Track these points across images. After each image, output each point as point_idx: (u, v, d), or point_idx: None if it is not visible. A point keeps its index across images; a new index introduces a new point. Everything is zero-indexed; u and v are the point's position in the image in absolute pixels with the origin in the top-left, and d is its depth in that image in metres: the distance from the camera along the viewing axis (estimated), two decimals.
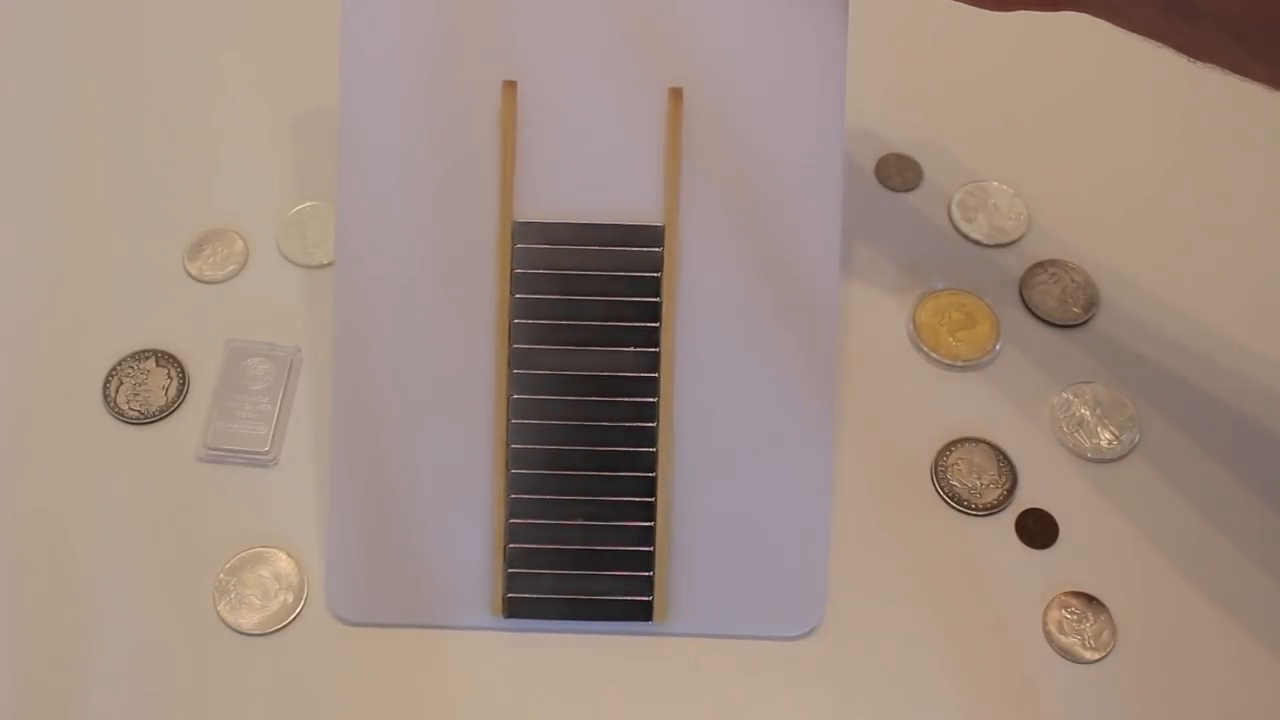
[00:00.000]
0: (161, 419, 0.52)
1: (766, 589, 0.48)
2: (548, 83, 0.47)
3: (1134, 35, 0.43)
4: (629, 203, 0.47)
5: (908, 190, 0.59)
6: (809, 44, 0.47)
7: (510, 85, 0.47)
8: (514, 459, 0.47)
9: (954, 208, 0.59)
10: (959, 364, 0.54)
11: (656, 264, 0.47)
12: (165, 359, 0.53)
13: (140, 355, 0.53)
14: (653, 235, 0.47)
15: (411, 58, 0.47)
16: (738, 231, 0.47)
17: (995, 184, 0.59)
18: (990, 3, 0.46)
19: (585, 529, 0.47)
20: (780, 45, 0.47)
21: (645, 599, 0.47)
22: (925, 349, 0.55)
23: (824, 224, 0.47)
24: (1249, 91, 0.42)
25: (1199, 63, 0.42)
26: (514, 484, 0.47)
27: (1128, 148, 0.61)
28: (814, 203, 0.47)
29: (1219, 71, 0.41)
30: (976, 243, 0.58)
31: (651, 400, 0.47)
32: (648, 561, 0.47)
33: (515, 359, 0.47)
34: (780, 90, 0.47)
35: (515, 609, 0.47)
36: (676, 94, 0.47)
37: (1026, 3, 0.45)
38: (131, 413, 0.52)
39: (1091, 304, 0.56)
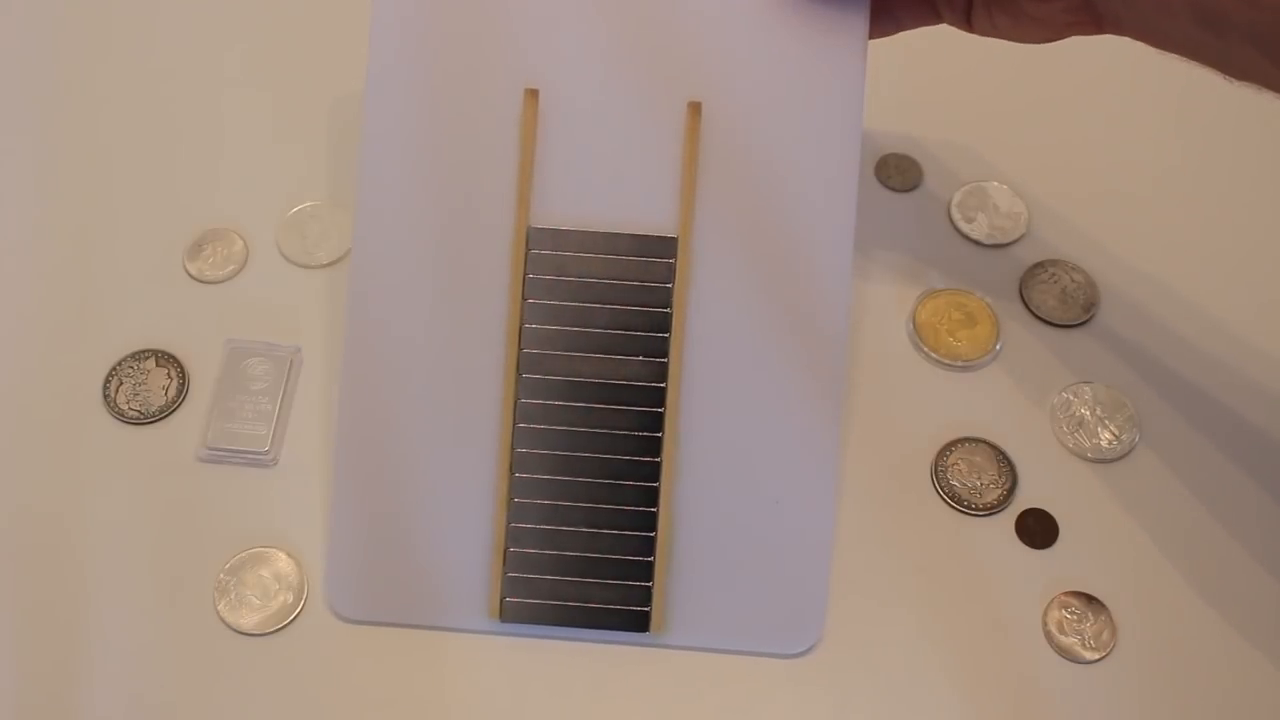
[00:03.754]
0: (161, 419, 0.52)
1: (765, 606, 0.48)
2: (568, 92, 0.47)
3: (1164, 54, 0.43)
4: (643, 213, 0.47)
5: (908, 190, 0.59)
6: (828, 62, 0.47)
7: (532, 93, 0.47)
8: (518, 463, 0.47)
9: (954, 208, 0.59)
10: (959, 364, 0.54)
11: (668, 275, 0.47)
12: (165, 359, 0.53)
13: (140, 355, 0.53)
14: (666, 246, 0.47)
15: (436, 63, 0.47)
16: (750, 246, 0.47)
17: (995, 184, 0.59)
18: (1039, 38, 0.46)
19: (586, 536, 0.47)
20: (799, 63, 0.47)
21: (643, 609, 0.47)
22: (925, 349, 0.55)
23: (836, 242, 0.47)
24: (1248, 92, 0.42)
25: (1235, 81, 0.42)
26: (517, 488, 0.47)
27: (1127, 148, 0.61)
28: (827, 220, 0.47)
29: (1253, 89, 0.41)
30: (976, 243, 0.58)
31: (658, 410, 0.47)
32: (647, 571, 0.47)
33: (524, 363, 0.47)
34: (798, 107, 0.47)
35: (512, 613, 0.47)
36: (695, 108, 0.47)
37: (1072, 31, 0.45)
38: (131, 413, 0.52)
39: (1091, 304, 0.56)
